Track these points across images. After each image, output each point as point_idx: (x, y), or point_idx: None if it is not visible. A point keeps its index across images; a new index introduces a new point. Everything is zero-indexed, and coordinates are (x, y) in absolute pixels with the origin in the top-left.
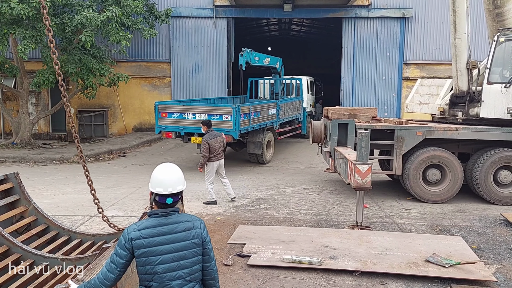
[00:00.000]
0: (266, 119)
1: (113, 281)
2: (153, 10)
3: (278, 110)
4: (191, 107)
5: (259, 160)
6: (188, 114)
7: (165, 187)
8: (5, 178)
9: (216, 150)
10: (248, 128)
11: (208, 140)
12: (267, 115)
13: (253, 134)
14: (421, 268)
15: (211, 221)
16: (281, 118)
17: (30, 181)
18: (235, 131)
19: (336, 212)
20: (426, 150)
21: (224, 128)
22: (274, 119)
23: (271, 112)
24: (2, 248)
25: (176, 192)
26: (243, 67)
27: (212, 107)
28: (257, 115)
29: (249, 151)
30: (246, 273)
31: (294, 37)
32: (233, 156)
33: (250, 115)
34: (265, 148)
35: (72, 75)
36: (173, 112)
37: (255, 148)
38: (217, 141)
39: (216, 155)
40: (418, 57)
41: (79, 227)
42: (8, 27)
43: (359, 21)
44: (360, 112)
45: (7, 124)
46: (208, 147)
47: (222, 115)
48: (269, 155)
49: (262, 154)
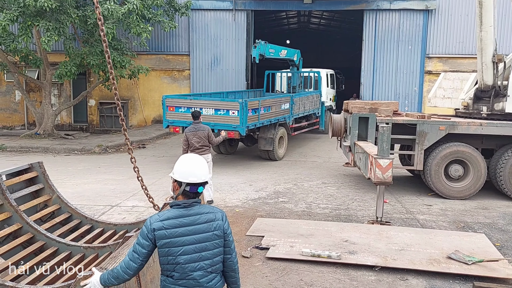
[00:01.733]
0: (277, 114)
1: (136, 270)
2: (173, 3)
3: (292, 104)
4: (198, 102)
5: (271, 157)
6: (195, 109)
7: (199, 176)
8: (30, 167)
9: (193, 144)
10: (257, 123)
11: (187, 132)
12: (279, 110)
13: (264, 130)
14: (442, 265)
15: (230, 213)
16: (296, 113)
17: (53, 170)
18: (242, 127)
19: (356, 207)
20: (449, 145)
21: (231, 124)
22: (287, 114)
23: (283, 107)
24: (27, 235)
25: (206, 181)
26: (257, 59)
27: (219, 101)
28: (267, 110)
29: (260, 147)
30: (265, 266)
31: (313, 30)
32: (250, 150)
33: (259, 110)
34: (277, 145)
35: (94, 67)
36: (180, 106)
37: (266, 144)
38: (196, 135)
39: (195, 149)
40: (441, 51)
41: (100, 217)
42: (32, 19)
43: (380, 13)
44: (381, 106)
45: (30, 115)
46: (185, 139)
47: (229, 110)
48: (281, 152)
49: (273, 151)
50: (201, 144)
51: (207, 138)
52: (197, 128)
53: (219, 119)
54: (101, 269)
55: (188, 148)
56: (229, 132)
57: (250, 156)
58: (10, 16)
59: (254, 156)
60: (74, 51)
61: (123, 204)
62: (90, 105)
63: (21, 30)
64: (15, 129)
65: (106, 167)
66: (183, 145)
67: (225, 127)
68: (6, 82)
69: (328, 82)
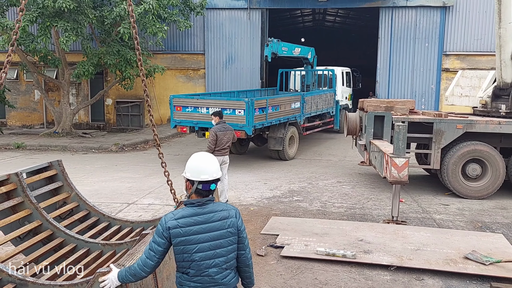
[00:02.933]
0: (287, 114)
1: (152, 268)
2: (188, 2)
3: (303, 103)
4: (204, 101)
5: (281, 157)
6: (202, 108)
7: (210, 173)
8: (49, 165)
9: (223, 144)
10: (264, 123)
11: (217, 131)
12: (288, 109)
13: (274, 129)
14: (459, 265)
15: (244, 211)
16: (307, 112)
17: (71, 168)
18: (248, 127)
19: (371, 206)
20: (467, 144)
21: (237, 123)
22: (297, 113)
23: (294, 105)
24: (47, 232)
25: (218, 178)
26: (269, 58)
27: (225, 101)
28: (276, 109)
29: (270, 147)
30: (280, 264)
31: (328, 28)
32: (265, 149)
33: (267, 109)
34: (287, 144)
35: (111, 66)
36: (187, 106)
37: (276, 144)
38: (226, 134)
39: (222, 149)
40: (458, 48)
41: (117, 214)
42: (51, 20)
43: (396, 10)
44: (397, 104)
45: (49, 114)
46: (215, 139)
47: (235, 109)
48: (292, 152)
49: (283, 151)
50: (229, 144)
51: (232, 137)
52: (226, 127)
53: (225, 118)
54: (119, 265)
55: (215, 147)
56: (236, 132)
57: (265, 155)
58: (30, 17)
59: (269, 155)
60: (92, 51)
61: (139, 202)
62: (107, 104)
63: (40, 31)
64: (35, 128)
65: (123, 165)
66: (211, 144)
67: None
68: (26, 81)
69: (344, 80)
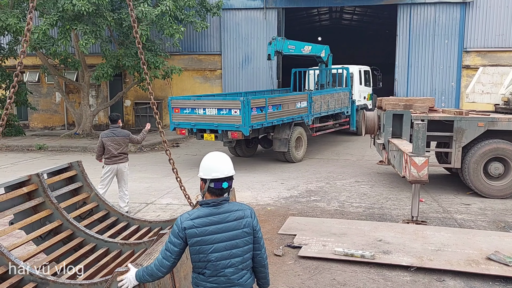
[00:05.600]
0: (292, 113)
1: (169, 268)
2: (204, 3)
3: (311, 102)
4: (201, 102)
5: (287, 159)
6: (199, 109)
7: (221, 171)
8: (69, 166)
9: (110, 151)
10: (264, 123)
11: (103, 137)
12: (293, 108)
13: (279, 130)
14: (481, 266)
15: (262, 211)
16: (316, 112)
17: (91, 169)
18: (244, 127)
19: (390, 206)
20: (488, 143)
21: (234, 124)
22: (304, 113)
23: (299, 105)
24: (67, 232)
25: (230, 176)
26: (272, 57)
27: (221, 101)
28: (277, 109)
29: (275, 148)
30: (297, 264)
31: (346, 26)
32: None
33: (266, 109)
34: (293, 146)
35: (129, 68)
36: (185, 107)
37: (281, 145)
38: (115, 140)
39: (112, 157)
40: (479, 44)
41: (136, 214)
42: (70, 23)
43: (415, 7)
44: (416, 102)
45: (70, 115)
46: (100, 145)
47: (231, 109)
48: (299, 154)
49: (289, 152)
50: (120, 152)
51: (126, 144)
52: (116, 133)
53: (221, 119)
54: (137, 265)
55: (102, 154)
56: (232, 133)
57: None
58: (50, 21)
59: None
60: (110, 53)
61: (157, 202)
62: (126, 105)
63: (60, 34)
64: (56, 130)
65: (141, 165)
66: (96, 151)
67: (228, 128)
68: (47, 84)
69: (362, 79)
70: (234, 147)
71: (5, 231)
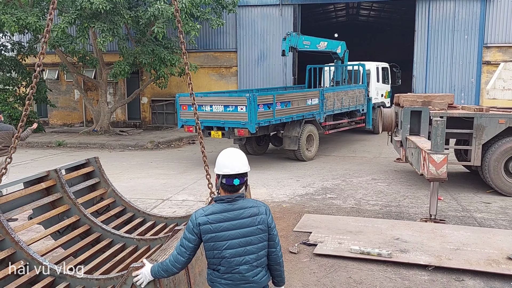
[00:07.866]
0: (302, 111)
1: (184, 264)
2: (220, 0)
3: (323, 99)
4: (207, 98)
5: (297, 157)
6: (206, 106)
7: (232, 167)
8: (87, 162)
9: None
10: (271, 120)
11: None
12: (303, 105)
13: (289, 128)
14: (502, 266)
15: (277, 208)
16: (329, 109)
17: (109, 165)
18: (251, 124)
19: (407, 204)
20: (510, 140)
21: (240, 121)
22: (316, 110)
23: (310, 102)
24: (84, 227)
25: (242, 173)
26: (286, 52)
27: (227, 97)
28: (286, 106)
29: (285, 146)
30: (312, 262)
31: (363, 23)
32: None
33: (274, 106)
34: (303, 144)
35: (146, 65)
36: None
37: (291, 143)
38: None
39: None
40: (500, 40)
41: (152, 210)
42: (88, 21)
43: (434, 2)
44: (435, 99)
45: (88, 112)
46: None
47: (237, 106)
48: (310, 152)
49: (299, 150)
50: (4, 145)
51: (10, 139)
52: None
53: (228, 116)
54: (152, 260)
55: None
56: (239, 130)
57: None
58: (69, 19)
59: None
60: (127, 51)
61: (173, 198)
62: (143, 102)
63: (78, 32)
64: (75, 126)
65: (158, 162)
66: None
67: (235, 125)
68: (66, 82)
69: (379, 76)
70: (245, 144)
71: (24, 225)
